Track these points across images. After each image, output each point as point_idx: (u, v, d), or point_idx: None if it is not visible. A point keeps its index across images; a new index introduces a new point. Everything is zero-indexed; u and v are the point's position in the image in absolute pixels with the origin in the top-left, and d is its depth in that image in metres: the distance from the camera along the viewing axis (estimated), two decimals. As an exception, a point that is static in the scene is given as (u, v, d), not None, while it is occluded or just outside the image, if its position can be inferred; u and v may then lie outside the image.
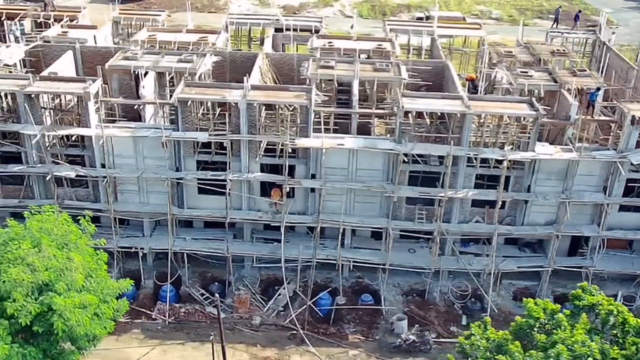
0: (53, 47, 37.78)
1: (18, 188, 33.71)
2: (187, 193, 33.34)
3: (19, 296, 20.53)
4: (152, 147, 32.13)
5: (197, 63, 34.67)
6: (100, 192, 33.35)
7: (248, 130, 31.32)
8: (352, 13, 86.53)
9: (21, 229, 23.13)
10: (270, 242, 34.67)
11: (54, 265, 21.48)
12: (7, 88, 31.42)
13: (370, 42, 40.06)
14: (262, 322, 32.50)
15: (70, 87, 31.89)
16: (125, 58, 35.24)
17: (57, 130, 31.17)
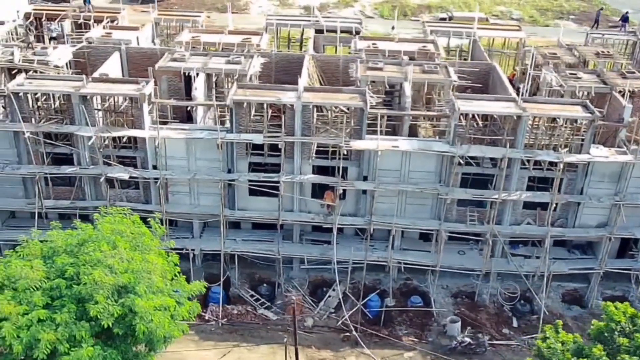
0: (98, 49, 37.78)
1: (69, 189, 33.73)
2: (238, 194, 33.34)
3: (101, 298, 20.54)
4: (204, 149, 32.15)
5: (246, 65, 34.65)
6: (151, 193, 33.37)
7: (302, 132, 31.31)
8: (372, 13, 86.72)
9: (93, 230, 23.15)
10: (319, 243, 34.72)
11: (133, 268, 21.50)
12: (62, 89, 31.41)
13: (413, 44, 40.00)
14: (314, 323, 32.53)
15: (124, 88, 31.90)
16: (174, 59, 35.20)
17: (112, 132, 31.16)
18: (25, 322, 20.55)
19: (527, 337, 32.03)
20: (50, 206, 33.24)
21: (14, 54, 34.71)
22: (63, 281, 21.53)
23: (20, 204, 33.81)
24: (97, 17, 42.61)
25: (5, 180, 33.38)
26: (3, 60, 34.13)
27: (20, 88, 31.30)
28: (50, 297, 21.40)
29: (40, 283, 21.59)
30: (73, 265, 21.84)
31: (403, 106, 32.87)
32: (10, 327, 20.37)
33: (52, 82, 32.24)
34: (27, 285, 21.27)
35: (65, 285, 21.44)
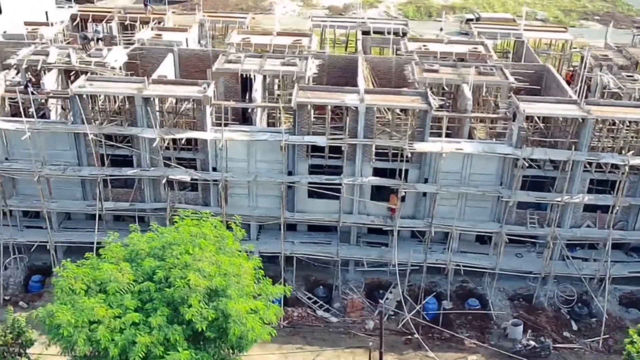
0: (150, 50, 37.77)
1: (127, 191, 33.73)
2: (297, 197, 33.29)
3: (195, 302, 20.49)
4: (265, 151, 32.15)
5: (302, 66, 34.62)
6: (210, 195, 33.34)
7: (364, 134, 31.27)
8: (397, 14, 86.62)
9: (177, 233, 23.10)
10: (375, 245, 34.69)
11: (223, 271, 21.46)
12: (124, 91, 31.42)
13: (462, 45, 39.91)
14: (375, 326, 32.46)
15: (186, 90, 31.87)
16: (229, 61, 35.20)
17: (175, 134, 31.14)
18: (118, 325, 20.53)
19: (589, 340, 31.90)
20: (110, 208, 33.25)
21: (70, 55, 34.75)
22: (152, 284, 21.48)
23: (79, 206, 33.83)
24: (144, 18, 42.65)
25: (64, 182, 33.38)
26: (61, 61, 34.11)
27: (83, 90, 31.31)
28: (140, 300, 21.37)
29: (129, 286, 21.57)
30: (160, 268, 21.80)
31: (463, 108, 32.78)
32: (104, 330, 20.35)
33: (113, 84, 32.26)
34: (118, 288, 21.25)
35: (155, 288, 21.41)
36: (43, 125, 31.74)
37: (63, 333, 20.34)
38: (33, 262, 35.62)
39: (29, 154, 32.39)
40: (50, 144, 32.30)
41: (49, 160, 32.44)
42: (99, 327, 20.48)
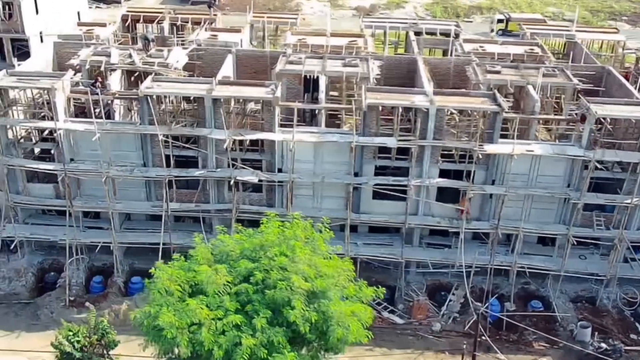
0: (208, 51, 37.71)
1: (191, 192, 33.70)
2: (362, 198, 33.22)
3: (298, 304, 20.45)
4: (332, 152, 32.09)
5: (364, 67, 34.56)
6: (275, 196, 33.30)
7: (434, 136, 31.19)
8: (424, 14, 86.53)
9: (268, 234, 23.07)
10: (437, 247, 34.61)
11: (323, 273, 21.44)
12: (194, 92, 31.40)
13: (518, 47, 39.80)
14: (442, 328, 32.41)
15: (253, 91, 31.85)
16: (290, 62, 35.16)
17: (245, 135, 31.11)
18: (221, 327, 20.50)
19: (657, 342, 31.81)
20: (175, 209, 33.22)
21: (132, 56, 34.76)
22: (249, 286, 21.45)
23: (144, 207, 33.81)
24: (195, 19, 42.64)
25: (128, 183, 33.36)
26: (124, 62, 34.12)
27: (152, 90, 31.29)
28: (238, 302, 21.33)
29: (225, 288, 21.54)
30: (256, 270, 21.75)
31: (529, 110, 32.66)
32: (207, 331, 20.32)
33: (180, 85, 32.26)
34: (216, 290, 21.22)
35: (253, 290, 21.37)
36: (112, 126, 31.74)
37: (166, 335, 20.32)
38: (92, 263, 35.63)
39: (94, 154, 32.49)
40: (115, 145, 32.27)
41: (114, 161, 32.41)
42: (200, 328, 20.50)
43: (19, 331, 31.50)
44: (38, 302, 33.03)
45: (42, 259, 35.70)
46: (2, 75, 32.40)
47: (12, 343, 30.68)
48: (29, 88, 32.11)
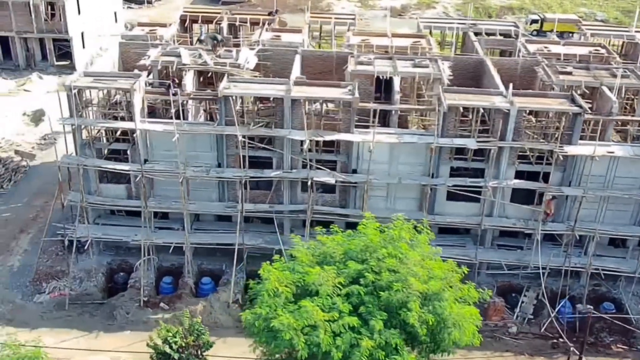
0: (274, 51, 37.65)
1: (264, 193, 33.67)
2: (436, 199, 33.12)
3: (415, 306, 20.41)
4: (408, 153, 32.04)
5: (435, 68, 34.47)
6: (349, 197, 33.24)
7: (512, 137, 31.09)
8: (456, 14, 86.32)
9: (376, 237, 23.02)
10: (507, 248, 34.50)
11: (436, 275, 21.39)
12: (272, 92, 31.37)
13: (582, 47, 39.66)
14: (519, 330, 32.28)
15: (330, 92, 31.80)
16: (360, 63, 35.09)
17: (324, 136, 31.05)
18: (338, 329, 20.44)
19: None
20: (250, 210, 33.17)
21: (202, 56, 34.73)
22: (360, 287, 21.40)
23: (218, 208, 33.79)
24: (254, 19, 42.60)
25: (200, 183, 33.36)
26: (197, 63, 34.09)
27: (231, 91, 31.27)
28: (350, 303, 21.26)
29: (335, 290, 21.49)
30: (365, 271, 21.69)
31: (606, 111, 32.49)
32: (324, 333, 20.25)
33: (256, 85, 32.23)
34: (328, 292, 21.17)
35: (364, 292, 21.32)
36: (190, 126, 31.73)
37: (283, 336, 20.26)
38: (161, 264, 35.60)
39: (168, 155, 32.51)
40: (190, 146, 32.24)
41: (188, 161, 32.39)
42: (316, 330, 20.44)
43: (97, 331, 31.48)
44: (112, 303, 32.99)
45: (110, 259, 35.69)
46: (78, 76, 32.42)
47: (92, 343, 30.67)
48: (108, 89, 32.10)
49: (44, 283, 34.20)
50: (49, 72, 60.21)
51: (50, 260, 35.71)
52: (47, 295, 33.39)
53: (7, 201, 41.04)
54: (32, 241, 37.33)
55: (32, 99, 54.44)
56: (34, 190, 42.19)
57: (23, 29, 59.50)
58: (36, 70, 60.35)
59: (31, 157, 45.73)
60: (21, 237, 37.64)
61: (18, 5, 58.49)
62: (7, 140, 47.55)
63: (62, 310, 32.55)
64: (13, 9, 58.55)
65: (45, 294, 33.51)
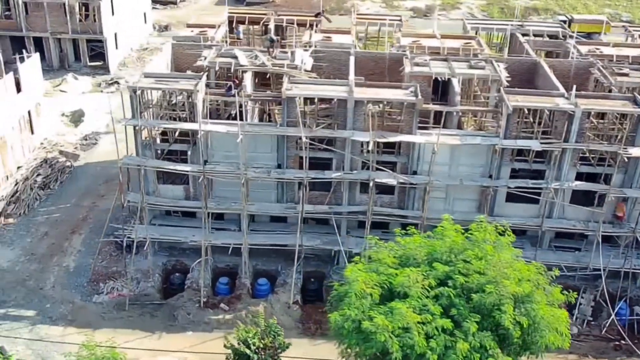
0: (327, 52, 37.64)
1: (322, 194, 33.68)
2: (496, 201, 33.10)
3: (509, 308, 20.41)
4: (469, 155, 32.04)
5: (492, 69, 34.45)
6: (407, 199, 33.25)
7: (576, 139, 31.07)
8: (481, 15, 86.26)
9: (461, 239, 23.05)
10: (564, 250, 34.45)
11: (525, 276, 21.39)
12: (336, 94, 31.38)
13: (633, 49, 39.59)
14: (579, 332, 32.22)
15: (392, 93, 31.82)
16: (416, 64, 35.08)
17: (388, 137, 31.06)
18: (432, 331, 20.45)
19: None
20: (309, 211, 33.17)
21: (259, 58, 34.77)
22: (450, 289, 21.40)
23: (278, 209, 33.82)
24: (300, 20, 42.62)
25: (260, 184, 33.40)
26: (256, 64, 34.13)
27: (294, 92, 31.30)
28: (439, 305, 21.27)
29: (423, 292, 21.50)
30: (453, 273, 21.71)
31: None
32: (418, 335, 20.26)
33: (317, 87, 32.26)
34: (418, 293, 21.19)
35: (454, 293, 21.32)
36: (252, 127, 31.76)
37: (377, 338, 20.26)
38: (216, 264, 35.63)
39: (228, 156, 32.60)
40: (251, 147, 32.28)
41: (249, 162, 32.44)
42: (409, 332, 20.44)
43: (159, 332, 31.52)
44: (171, 303, 33.03)
45: (165, 259, 35.74)
46: (139, 77, 32.48)
47: (155, 344, 30.72)
48: (171, 90, 32.17)
49: (101, 283, 34.28)
50: (82, 73, 60.37)
51: (105, 261, 35.83)
52: (105, 296, 33.45)
53: (55, 202, 41.15)
54: (85, 242, 37.47)
55: (69, 100, 54.64)
56: (81, 191, 42.33)
57: (57, 30, 59.63)
58: (69, 71, 60.54)
59: (75, 158, 45.87)
60: (73, 238, 37.76)
61: (53, 6, 58.63)
62: (49, 140, 47.69)
63: (122, 310, 32.61)
64: (48, 9, 58.70)
65: (104, 294, 33.57)
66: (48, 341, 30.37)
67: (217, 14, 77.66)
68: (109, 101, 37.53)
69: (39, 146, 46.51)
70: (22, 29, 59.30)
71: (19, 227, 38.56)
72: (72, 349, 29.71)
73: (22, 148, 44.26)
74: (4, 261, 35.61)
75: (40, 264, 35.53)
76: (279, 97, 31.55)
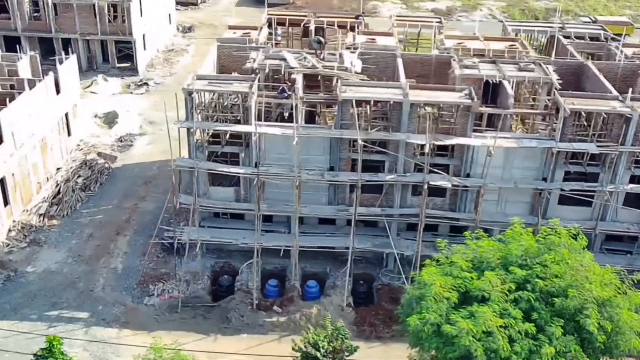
0: (373, 54, 37.59)
1: (373, 196, 33.65)
2: (549, 203, 33.07)
3: (594, 313, 20.37)
4: (523, 157, 32.00)
5: (542, 72, 34.41)
6: (459, 201, 33.22)
7: (632, 142, 31.04)
8: (502, 17, 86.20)
9: (534, 242, 23.02)
10: (615, 252, 34.44)
11: (606, 280, 21.37)
12: (391, 96, 31.36)
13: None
14: None
15: (446, 96, 31.81)
16: (466, 67, 35.04)
17: (444, 140, 31.04)
18: (515, 335, 20.41)
19: None
20: (362, 213, 33.14)
21: (309, 60, 34.75)
22: (529, 293, 21.35)
23: (330, 211, 33.80)
24: (341, 22, 42.59)
25: (311, 187, 33.36)
26: (307, 66, 34.11)
27: (350, 95, 31.27)
28: (520, 309, 21.22)
29: (502, 295, 21.46)
30: (531, 277, 21.67)
31: None
32: (502, 340, 20.22)
33: (372, 89, 32.22)
34: (500, 298, 21.15)
35: (534, 297, 21.27)
36: (308, 130, 31.74)
37: (461, 342, 20.23)
38: (264, 266, 35.60)
39: (280, 158, 32.61)
40: (303, 149, 32.24)
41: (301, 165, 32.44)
42: (491, 336, 20.41)
43: (214, 334, 31.51)
44: (223, 306, 32.99)
45: (213, 261, 35.72)
46: (191, 79, 32.47)
47: (211, 346, 30.72)
48: (225, 92, 32.16)
49: (151, 285, 34.26)
50: (111, 74, 60.37)
51: (153, 263, 35.84)
52: (156, 298, 33.43)
53: (97, 203, 41.18)
54: (130, 243, 37.51)
55: (100, 101, 54.66)
56: (121, 192, 42.37)
57: (87, 31, 59.70)
58: (97, 72, 60.56)
59: (112, 159, 45.91)
60: (118, 240, 37.78)
61: (83, 7, 58.71)
62: (84, 142, 47.73)
63: (174, 312, 32.59)
64: (77, 10, 58.76)
65: (155, 296, 33.55)
66: (106, 342, 30.41)
67: (238, 15, 78.14)
68: (139, 103, 37.34)
69: (76, 148, 46.56)
70: (52, 30, 59.37)
71: (64, 228, 38.61)
72: (129, 351, 30.04)
73: (60, 150, 44.29)
74: (52, 263, 35.67)
75: (88, 266, 35.56)
76: (333, 99, 31.51)
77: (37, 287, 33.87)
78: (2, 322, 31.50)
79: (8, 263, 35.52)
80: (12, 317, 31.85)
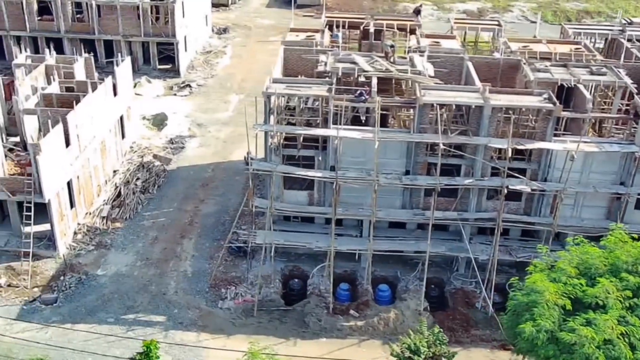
0: (440, 58, 37.48)
1: (448, 200, 33.57)
2: (627, 208, 32.92)
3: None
4: (601, 162, 31.89)
5: (616, 76, 34.28)
6: (534, 205, 33.11)
7: None
8: (535, 18, 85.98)
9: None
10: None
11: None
12: (472, 100, 31.27)
13: None
14: None
15: (525, 99, 31.70)
16: (537, 70, 34.93)
17: (525, 145, 30.93)
18: (635, 343, 20.32)
19: None
20: (438, 217, 33.04)
21: (381, 63, 34.69)
22: (645, 301, 21.29)
23: (406, 215, 33.70)
24: (401, 25, 42.50)
25: (385, 191, 33.24)
26: (380, 70, 34.04)
27: (430, 99, 31.20)
28: (636, 316, 21.12)
29: (618, 302, 21.37)
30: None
31: None
32: (623, 347, 20.14)
33: (450, 93, 32.15)
34: (618, 305, 21.06)
35: (649, 305, 21.21)
36: (387, 134, 31.66)
37: (585, 350, 20.13)
38: (334, 270, 35.47)
39: (355, 162, 32.53)
40: (381, 153, 32.10)
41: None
42: (610, 344, 20.32)
43: (293, 338, 31.46)
44: (299, 309, 32.92)
45: (283, 265, 35.65)
46: (269, 83, 32.42)
47: (291, 350, 30.63)
48: (304, 95, 32.10)
49: (222, 289, 34.22)
50: (152, 76, 60.28)
51: (222, 266, 35.79)
52: (230, 302, 33.37)
53: (158, 206, 41.15)
54: (196, 246, 37.46)
55: (145, 103, 54.62)
56: (180, 195, 42.32)
57: (129, 33, 59.69)
58: (139, 74, 60.49)
59: (167, 162, 45.88)
60: (184, 243, 37.74)
61: (126, 8, 58.68)
62: (137, 144, 47.73)
63: (250, 316, 32.55)
64: (121, 12, 58.74)
65: (228, 299, 33.50)
66: (186, 345, 30.35)
67: (269, 16, 78.30)
68: (184, 104, 37.19)
69: (129, 150, 46.57)
70: (95, 32, 59.41)
71: (128, 231, 38.60)
72: (209, 353, 30.06)
73: (116, 152, 44.31)
74: (122, 266, 35.65)
75: (158, 269, 35.52)
76: (412, 102, 31.43)
77: (110, 290, 33.86)
78: (80, 325, 31.51)
79: (77, 266, 35.53)
80: (89, 321, 31.85)
